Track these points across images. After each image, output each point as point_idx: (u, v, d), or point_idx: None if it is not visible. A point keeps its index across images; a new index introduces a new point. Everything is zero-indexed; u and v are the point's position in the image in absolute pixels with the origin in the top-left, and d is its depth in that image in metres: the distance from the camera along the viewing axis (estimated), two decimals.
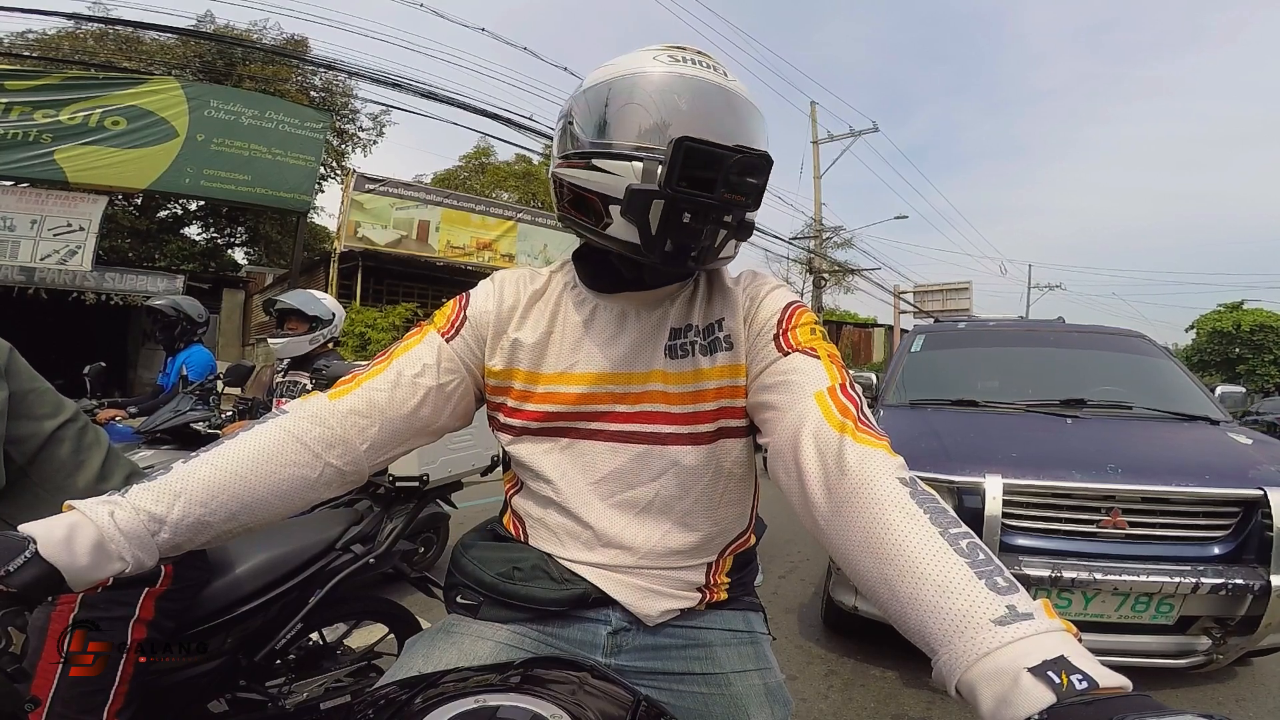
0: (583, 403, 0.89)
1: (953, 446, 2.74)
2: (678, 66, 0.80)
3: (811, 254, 20.73)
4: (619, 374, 0.89)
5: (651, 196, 0.74)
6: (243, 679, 1.55)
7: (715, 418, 0.88)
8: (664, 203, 0.74)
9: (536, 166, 24.58)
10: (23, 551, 0.62)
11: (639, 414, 0.89)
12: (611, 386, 0.89)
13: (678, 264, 0.79)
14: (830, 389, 0.77)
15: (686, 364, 0.88)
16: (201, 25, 17.52)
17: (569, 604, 0.89)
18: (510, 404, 0.92)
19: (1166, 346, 4.07)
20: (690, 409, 0.88)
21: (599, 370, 0.89)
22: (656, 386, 0.88)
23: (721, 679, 0.91)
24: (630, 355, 0.89)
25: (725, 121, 0.79)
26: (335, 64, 13.15)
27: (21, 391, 1.23)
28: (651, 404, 0.88)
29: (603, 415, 0.89)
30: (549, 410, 0.90)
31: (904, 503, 0.64)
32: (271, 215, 18.35)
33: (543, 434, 0.91)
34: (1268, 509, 2.26)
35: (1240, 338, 28.75)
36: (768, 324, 0.87)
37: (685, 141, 0.71)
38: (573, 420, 0.90)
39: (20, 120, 10.26)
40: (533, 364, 0.91)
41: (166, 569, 1.32)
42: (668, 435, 0.88)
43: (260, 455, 0.78)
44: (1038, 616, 0.51)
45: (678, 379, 0.88)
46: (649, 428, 0.88)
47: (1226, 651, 2.30)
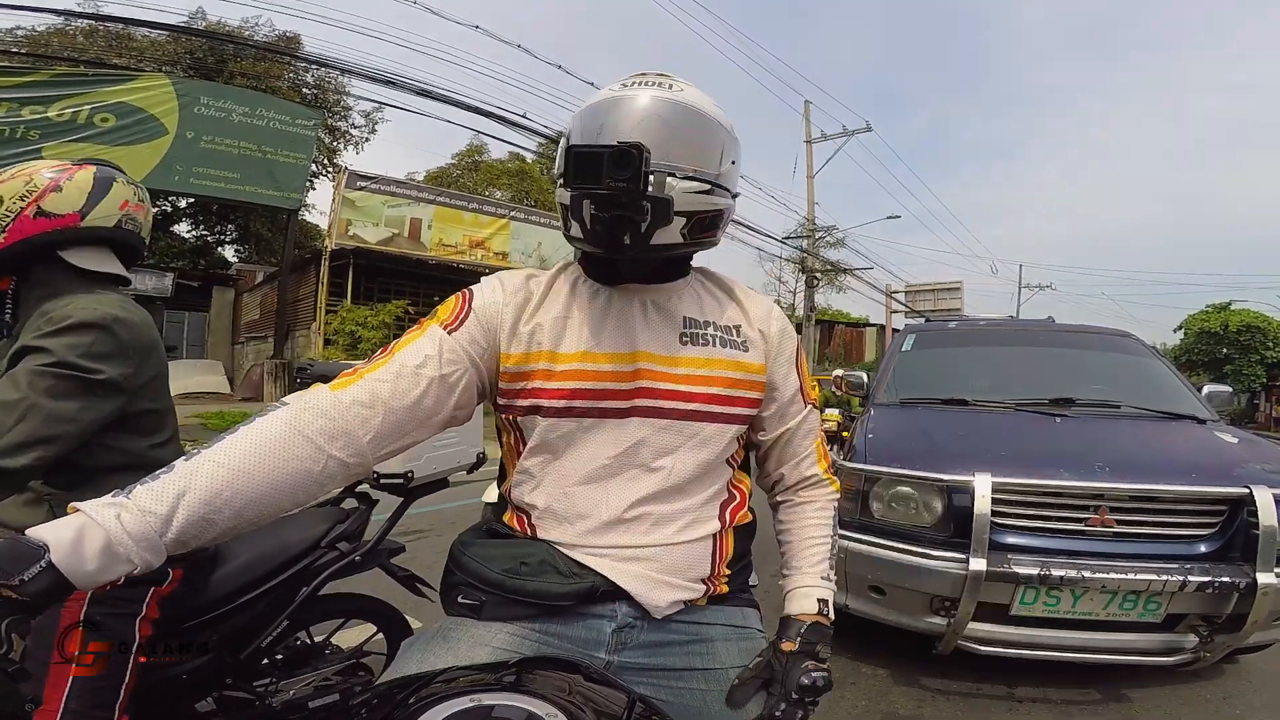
0: (603, 380, 0.94)
1: (942, 445, 2.76)
2: (626, 90, 0.91)
3: (804, 253, 20.78)
4: (641, 355, 0.95)
5: (576, 199, 0.87)
6: (230, 677, 1.53)
7: (728, 403, 0.97)
8: (580, 200, 0.86)
9: (529, 164, 24.57)
10: (38, 560, 0.63)
11: (657, 390, 0.94)
12: (634, 366, 0.94)
13: (618, 251, 0.89)
14: (821, 438, 1.12)
15: (704, 352, 0.98)
16: (192, 22, 17.43)
17: (577, 598, 0.90)
18: (533, 386, 0.94)
19: (1155, 346, 4.10)
20: (705, 390, 0.96)
21: (618, 350, 0.95)
22: (677, 369, 0.96)
23: (721, 675, 0.94)
24: (647, 338, 0.96)
25: (650, 127, 0.87)
26: (327, 61, 13.13)
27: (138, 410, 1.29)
28: (669, 384, 0.95)
29: (622, 394, 0.94)
30: (571, 388, 0.93)
31: (821, 518, 1.10)
32: (262, 213, 18.26)
33: (564, 414, 0.93)
34: (1253, 507, 2.27)
35: (1228, 338, 28.96)
36: (791, 358, 1.06)
37: (571, 148, 0.85)
38: (594, 399, 0.93)
39: (7, 117, 10.15)
40: (554, 345, 0.95)
41: (175, 573, 1.32)
42: (685, 411, 0.95)
43: (263, 450, 0.78)
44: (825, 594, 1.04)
45: (691, 363, 0.96)
46: (670, 404, 0.95)
47: (1213, 649, 2.31)
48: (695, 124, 0.91)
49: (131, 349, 1.23)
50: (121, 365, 1.21)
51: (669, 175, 0.86)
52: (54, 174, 1.29)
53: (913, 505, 2.56)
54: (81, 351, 1.16)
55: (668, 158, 0.86)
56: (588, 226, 0.88)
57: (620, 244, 0.87)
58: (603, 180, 0.80)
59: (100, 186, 1.33)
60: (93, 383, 1.17)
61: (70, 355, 1.14)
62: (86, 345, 1.17)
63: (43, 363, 1.12)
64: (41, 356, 1.13)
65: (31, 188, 1.26)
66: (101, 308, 1.21)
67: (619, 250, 0.89)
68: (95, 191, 1.32)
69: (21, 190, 1.26)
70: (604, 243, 0.89)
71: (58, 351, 1.14)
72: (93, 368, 1.16)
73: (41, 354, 1.13)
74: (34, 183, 1.27)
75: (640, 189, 0.80)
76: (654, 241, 0.87)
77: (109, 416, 1.21)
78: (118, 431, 1.26)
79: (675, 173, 0.87)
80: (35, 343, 1.14)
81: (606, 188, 0.81)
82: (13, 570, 0.62)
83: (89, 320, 1.18)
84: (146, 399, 1.30)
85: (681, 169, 0.88)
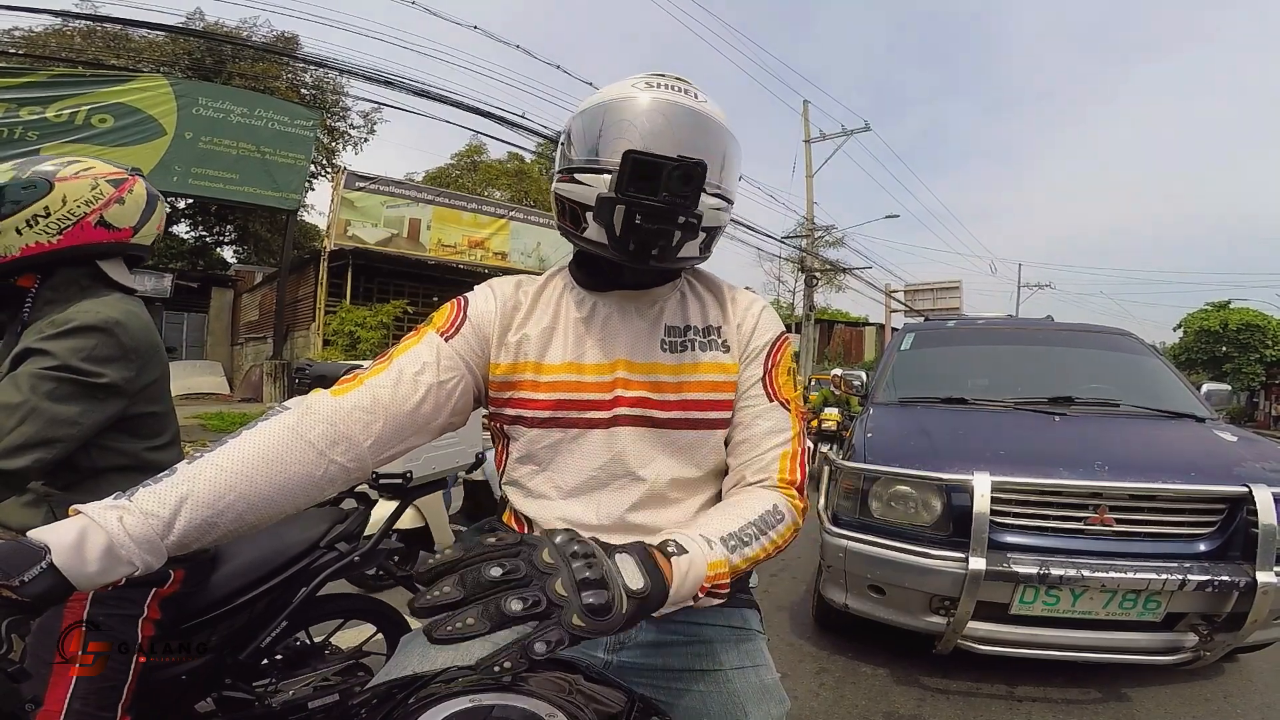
0: (587, 390, 0.94)
1: (941, 444, 2.75)
2: (650, 92, 0.90)
3: (804, 253, 20.79)
4: (620, 363, 0.95)
5: (613, 203, 0.84)
6: (229, 678, 1.53)
7: (707, 407, 0.96)
8: (623, 207, 0.83)
9: (529, 165, 24.57)
10: (39, 562, 0.63)
11: (635, 399, 0.94)
12: (614, 375, 0.94)
13: (642, 261, 0.88)
14: (794, 454, 0.97)
15: (685, 358, 0.97)
16: (190, 22, 17.41)
17: None
18: (519, 396, 0.95)
19: (1154, 345, 4.10)
20: (681, 397, 0.95)
21: (601, 361, 0.95)
22: (656, 377, 0.95)
23: (720, 676, 0.93)
24: (630, 347, 0.96)
25: (683, 137, 0.87)
26: (326, 61, 13.13)
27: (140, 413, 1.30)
28: (653, 392, 0.94)
29: (604, 404, 0.94)
30: (555, 399, 0.94)
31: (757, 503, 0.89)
32: (261, 213, 18.24)
33: (550, 424, 0.94)
34: (1253, 506, 2.27)
35: (1227, 336, 29.00)
36: (760, 350, 1.00)
37: (631, 154, 0.81)
38: (578, 409, 0.94)
39: (5, 117, 10.13)
40: (539, 356, 0.96)
41: (177, 574, 1.33)
42: (663, 420, 0.95)
43: (265, 454, 0.78)
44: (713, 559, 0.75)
45: (674, 370, 0.96)
46: (651, 413, 0.94)
47: (1213, 648, 2.31)
48: (721, 139, 0.92)
49: (133, 352, 1.24)
50: (123, 369, 1.22)
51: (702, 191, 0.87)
52: (116, 182, 1.32)
53: (912, 504, 2.56)
54: (84, 355, 1.16)
55: None
56: (616, 233, 0.86)
57: (647, 256, 0.87)
58: (659, 192, 0.80)
59: (150, 204, 1.38)
60: (94, 386, 1.17)
61: (72, 359, 1.15)
62: (89, 349, 1.17)
63: (45, 366, 1.13)
64: (44, 359, 1.14)
65: (97, 195, 1.29)
66: (104, 311, 1.22)
67: (643, 261, 0.88)
68: (146, 209, 1.37)
69: (87, 195, 1.28)
70: (630, 252, 0.87)
71: (60, 355, 1.14)
72: (94, 371, 1.17)
73: (44, 357, 1.14)
74: (100, 190, 1.30)
75: (695, 207, 0.81)
76: (680, 255, 0.89)
77: (110, 419, 1.22)
78: (118, 433, 1.26)
79: (707, 188, 0.87)
80: (38, 345, 1.15)
81: (663, 201, 0.81)
82: (13, 571, 0.62)
83: (91, 324, 1.19)
84: (147, 402, 1.31)
85: (710, 185, 0.89)
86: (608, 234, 0.86)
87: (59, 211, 1.25)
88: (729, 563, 0.77)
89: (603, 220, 0.86)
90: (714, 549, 0.76)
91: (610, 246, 0.87)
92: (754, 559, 0.82)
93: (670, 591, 0.67)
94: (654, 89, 0.90)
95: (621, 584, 0.62)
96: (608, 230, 0.86)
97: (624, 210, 0.83)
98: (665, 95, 0.89)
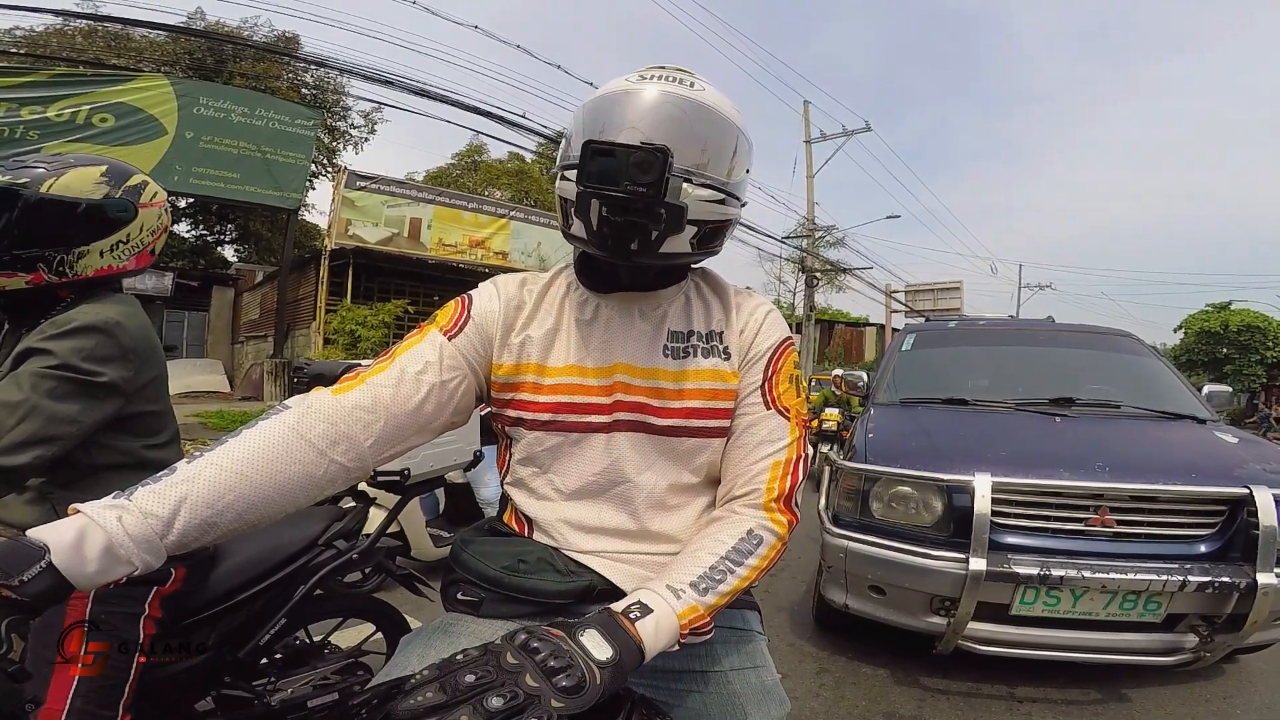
0: (589, 394, 0.93)
1: (942, 445, 2.75)
2: (640, 84, 0.87)
3: (804, 253, 20.78)
4: (620, 368, 0.93)
5: (586, 196, 0.81)
6: (228, 676, 1.53)
7: (706, 415, 0.94)
8: (597, 201, 0.81)
9: (529, 164, 24.57)
10: (38, 561, 0.62)
11: (634, 404, 0.93)
12: (613, 379, 0.93)
13: (623, 257, 0.86)
14: (787, 462, 0.93)
15: (688, 364, 0.94)
16: (191, 22, 17.42)
17: (575, 596, 0.90)
18: (521, 398, 0.94)
19: (1155, 346, 4.10)
20: (680, 404, 0.93)
21: (601, 365, 0.93)
22: (658, 383, 0.93)
23: (720, 677, 0.92)
24: (632, 351, 0.94)
25: (660, 125, 0.83)
26: (327, 61, 13.11)
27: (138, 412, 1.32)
28: (653, 399, 0.93)
29: (604, 408, 0.93)
30: (556, 402, 0.93)
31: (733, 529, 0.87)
32: (262, 213, 18.25)
33: (551, 427, 0.93)
34: (1253, 507, 2.27)
35: (1227, 338, 28.97)
36: (760, 357, 0.96)
37: (589, 144, 0.79)
38: (579, 413, 0.93)
39: (6, 117, 10.12)
40: (542, 358, 0.94)
41: (178, 572, 1.34)
42: (666, 428, 0.93)
43: (265, 454, 0.78)
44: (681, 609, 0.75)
45: (676, 376, 0.93)
46: (649, 419, 0.93)
47: (1214, 649, 2.31)
48: (715, 127, 0.88)
49: (132, 352, 1.25)
50: (122, 368, 1.23)
51: (685, 181, 0.83)
52: (166, 210, 1.41)
53: (913, 505, 2.55)
54: (84, 354, 1.18)
55: (686, 162, 0.83)
56: (593, 228, 0.84)
57: (626, 250, 0.84)
58: (620, 183, 0.77)
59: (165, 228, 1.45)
60: (94, 385, 1.19)
61: (73, 358, 1.17)
62: (89, 349, 1.19)
63: (45, 365, 1.15)
64: (45, 359, 1.16)
65: (161, 224, 1.39)
66: (103, 312, 1.23)
67: (624, 256, 0.86)
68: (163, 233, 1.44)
69: (155, 224, 1.37)
70: (609, 247, 0.85)
71: (60, 354, 1.16)
72: (94, 370, 1.18)
73: (45, 356, 1.16)
74: (164, 220, 1.39)
75: (660, 196, 0.78)
76: (663, 250, 0.85)
77: (108, 417, 1.23)
78: (117, 432, 1.28)
79: (692, 178, 0.84)
80: (39, 345, 1.17)
81: (624, 191, 0.78)
82: (13, 571, 0.61)
83: (91, 324, 1.20)
84: (145, 401, 1.32)
85: (698, 175, 0.85)
86: (586, 229, 0.85)
87: (136, 239, 1.34)
88: (702, 605, 0.77)
89: (582, 215, 0.84)
90: (682, 598, 0.76)
91: (591, 241, 0.86)
92: (733, 590, 0.82)
93: (645, 650, 0.70)
94: (647, 80, 0.88)
95: (590, 659, 0.64)
96: (586, 225, 0.85)
97: (589, 202, 0.81)
98: (652, 85, 0.87)
